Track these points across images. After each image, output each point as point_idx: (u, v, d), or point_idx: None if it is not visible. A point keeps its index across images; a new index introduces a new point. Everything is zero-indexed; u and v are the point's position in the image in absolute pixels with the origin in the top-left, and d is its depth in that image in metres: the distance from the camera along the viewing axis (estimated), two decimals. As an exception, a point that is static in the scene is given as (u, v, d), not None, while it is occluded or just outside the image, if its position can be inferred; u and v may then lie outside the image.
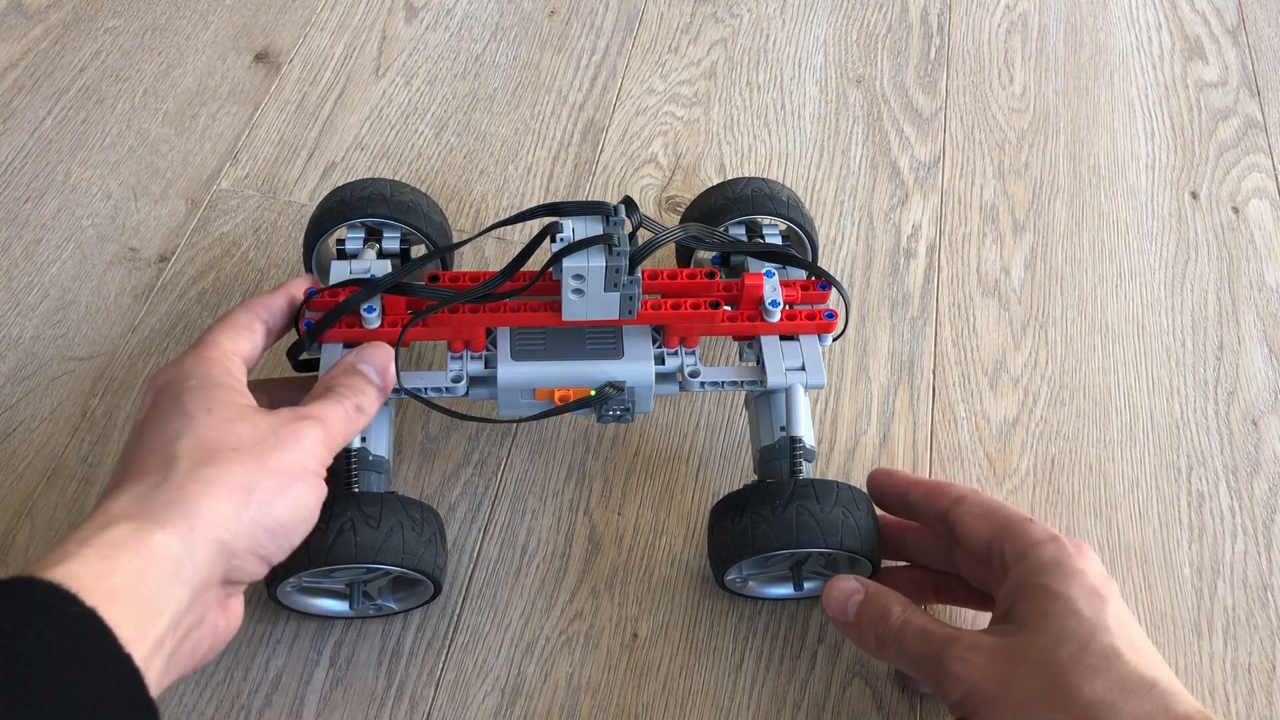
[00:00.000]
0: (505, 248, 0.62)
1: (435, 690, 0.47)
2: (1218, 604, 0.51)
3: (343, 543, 0.42)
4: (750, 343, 0.50)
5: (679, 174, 0.66)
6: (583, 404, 0.47)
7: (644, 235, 0.49)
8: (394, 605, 0.48)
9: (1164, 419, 0.57)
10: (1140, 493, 0.55)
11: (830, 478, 0.46)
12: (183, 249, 0.61)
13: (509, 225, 0.48)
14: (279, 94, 0.69)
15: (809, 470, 0.47)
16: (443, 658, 0.48)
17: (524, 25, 0.74)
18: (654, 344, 0.48)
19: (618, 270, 0.44)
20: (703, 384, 0.49)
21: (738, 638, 0.49)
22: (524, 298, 0.47)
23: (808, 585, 0.48)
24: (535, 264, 0.45)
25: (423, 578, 0.45)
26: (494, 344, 0.48)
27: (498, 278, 0.45)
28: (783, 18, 0.75)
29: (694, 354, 0.49)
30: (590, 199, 0.65)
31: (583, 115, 0.69)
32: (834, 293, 0.50)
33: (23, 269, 0.60)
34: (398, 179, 0.64)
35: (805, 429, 0.47)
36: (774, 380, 0.48)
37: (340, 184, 0.55)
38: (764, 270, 0.49)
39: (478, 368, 0.48)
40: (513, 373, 0.47)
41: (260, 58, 0.71)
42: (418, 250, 0.55)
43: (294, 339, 0.47)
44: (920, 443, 0.56)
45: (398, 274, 0.46)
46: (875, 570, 0.46)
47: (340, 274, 0.49)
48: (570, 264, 0.44)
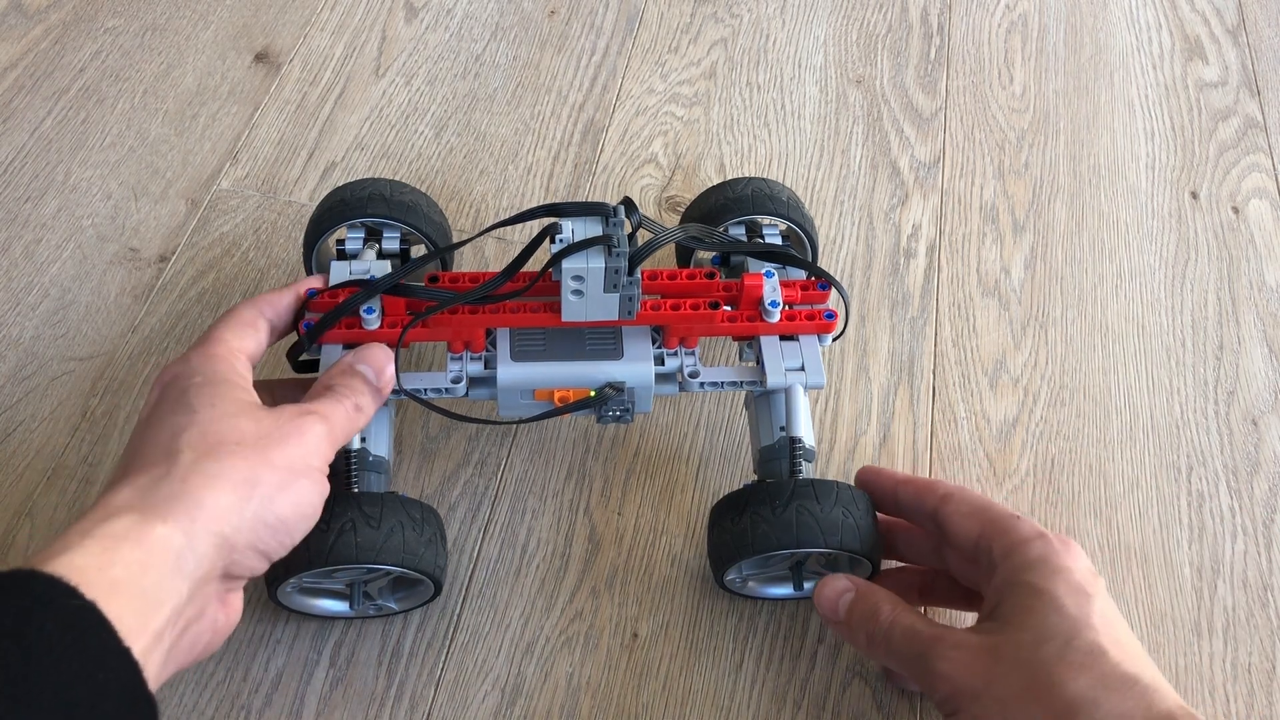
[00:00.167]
0: (505, 248, 0.62)
1: (435, 690, 0.47)
2: (1218, 604, 0.51)
3: (343, 543, 0.42)
4: (750, 343, 0.50)
5: (679, 174, 0.66)
6: (582, 405, 0.47)
7: (644, 236, 0.49)
8: (394, 605, 0.48)
9: (1164, 419, 0.57)
10: (1140, 493, 0.55)
11: (830, 478, 0.46)
12: (183, 249, 0.61)
13: (508, 226, 0.48)
14: (279, 94, 0.69)
15: (809, 470, 0.47)
16: (443, 658, 0.48)
17: (524, 25, 0.74)
18: (653, 344, 0.48)
19: (617, 271, 0.44)
20: (702, 384, 0.49)
21: (738, 638, 0.49)
22: (524, 299, 0.47)
23: (808, 585, 0.48)
24: (535, 265, 0.45)
25: (423, 578, 0.45)
26: (494, 345, 0.48)
27: (497, 279, 0.45)
28: (783, 18, 0.75)
29: (693, 354, 0.49)
30: (590, 199, 0.65)
31: (583, 115, 0.69)
32: (834, 293, 0.50)
33: (23, 269, 0.60)
34: (398, 179, 0.64)
35: (805, 429, 0.47)
36: (773, 380, 0.48)
37: (340, 184, 0.55)
38: (763, 270, 0.49)
39: (477, 368, 0.48)
40: (512, 374, 0.47)
41: (260, 58, 0.71)
42: (418, 250, 0.55)
43: (294, 340, 0.47)
44: (920, 443, 0.56)
45: (396, 275, 0.46)
46: (875, 570, 0.46)
47: (340, 275, 0.49)
48: (569, 265, 0.44)
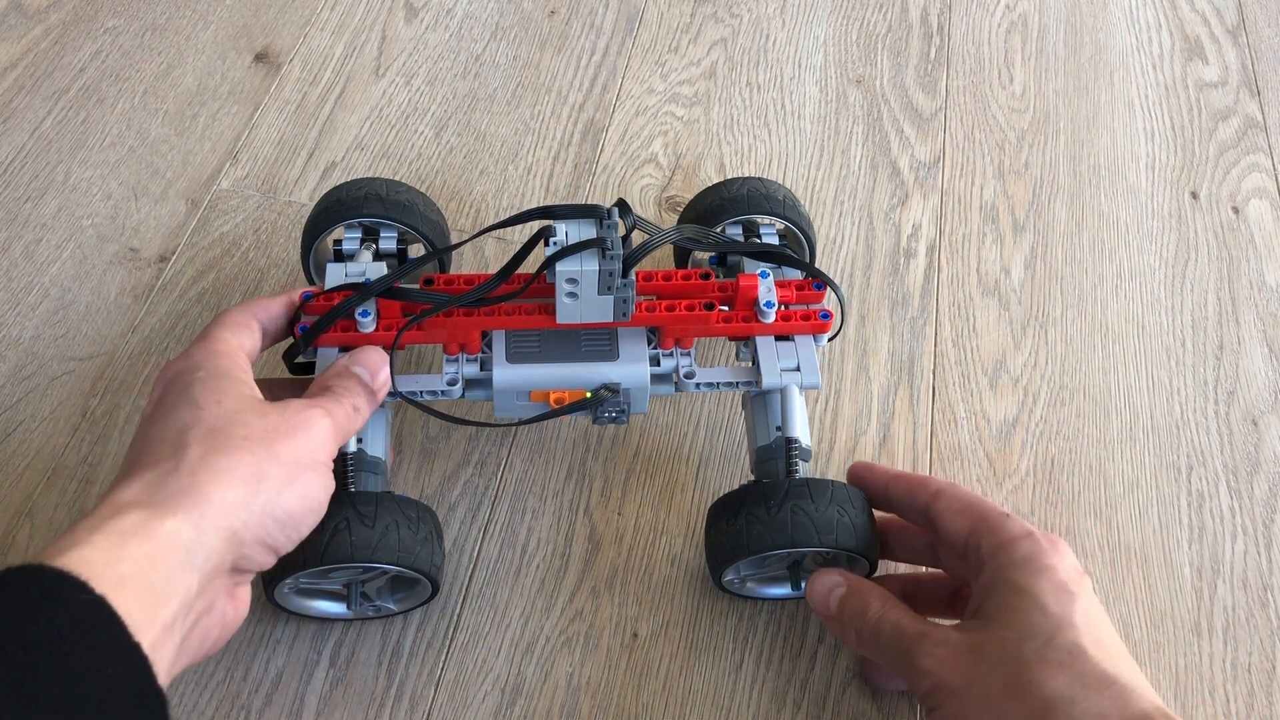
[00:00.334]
0: (505, 248, 0.62)
1: (435, 690, 0.47)
2: (1218, 604, 0.51)
3: (338, 542, 0.42)
4: (746, 343, 0.50)
5: (679, 174, 0.66)
6: (578, 406, 0.47)
7: (639, 237, 0.49)
8: (393, 606, 0.48)
9: (1164, 419, 0.57)
10: (1140, 493, 0.55)
11: (830, 478, 0.46)
12: (183, 249, 0.61)
13: (502, 228, 0.48)
14: (279, 94, 0.69)
15: (805, 470, 0.47)
16: (443, 658, 0.48)
17: (524, 25, 0.74)
18: (649, 345, 0.48)
19: (611, 274, 0.44)
20: (698, 385, 0.49)
21: (738, 638, 0.49)
22: (519, 300, 0.47)
23: (805, 585, 0.48)
24: (532, 266, 0.45)
25: (420, 577, 0.45)
26: (489, 346, 0.48)
27: (491, 281, 0.45)
28: (783, 18, 0.75)
29: (689, 355, 0.49)
30: (590, 199, 0.65)
31: (583, 115, 0.69)
32: (829, 292, 0.50)
33: (23, 269, 0.60)
34: (397, 179, 0.64)
35: (801, 429, 0.47)
36: (769, 381, 0.48)
37: (337, 184, 0.55)
38: (758, 271, 0.49)
39: (473, 370, 0.48)
40: (508, 375, 0.47)
41: (260, 58, 0.71)
42: (415, 250, 0.55)
43: (291, 343, 0.47)
44: (920, 443, 0.56)
45: (390, 278, 0.46)
46: (873, 569, 0.46)
47: (336, 278, 0.49)
48: (563, 268, 0.44)
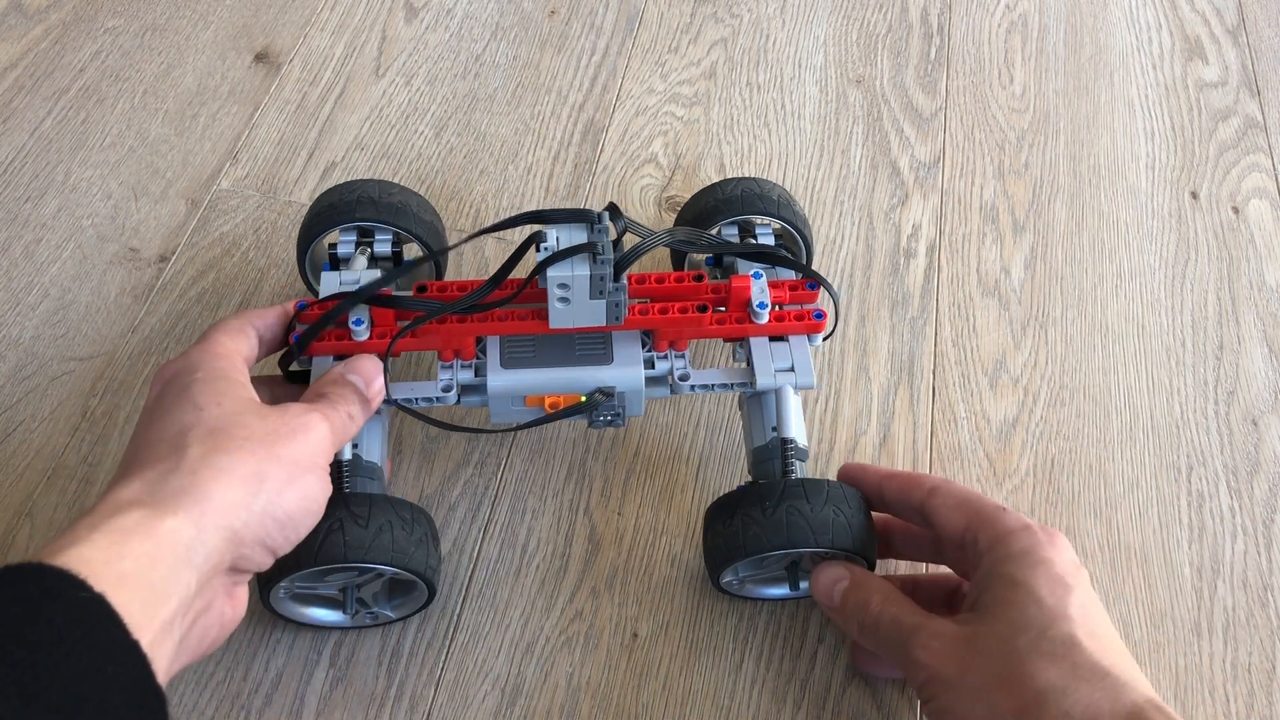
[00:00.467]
0: (505, 248, 0.62)
1: (435, 690, 0.47)
2: (1218, 604, 0.51)
3: (332, 542, 0.42)
4: (741, 344, 0.50)
5: (679, 174, 0.66)
6: (574, 410, 0.47)
7: (632, 240, 0.49)
8: (390, 613, 0.48)
9: (1164, 419, 0.57)
10: (1140, 493, 0.55)
11: (829, 478, 0.46)
12: (183, 249, 0.61)
13: (492, 233, 0.47)
14: (279, 94, 0.69)
15: (802, 470, 0.47)
16: (443, 658, 0.48)
17: (524, 25, 0.74)
18: (643, 348, 0.48)
19: (602, 278, 0.44)
20: (693, 387, 0.49)
21: (738, 638, 0.49)
22: (512, 306, 0.47)
23: (804, 585, 0.48)
24: (524, 272, 0.45)
25: (415, 578, 0.44)
26: (484, 352, 0.48)
27: (484, 288, 0.46)
28: (783, 18, 0.75)
29: (683, 357, 0.49)
30: (588, 201, 0.65)
31: (583, 115, 0.69)
32: (823, 292, 0.50)
33: (23, 269, 0.60)
34: (396, 179, 0.64)
35: (796, 429, 0.47)
36: (763, 382, 0.48)
37: (329, 187, 0.55)
38: (751, 272, 0.49)
39: (468, 376, 0.48)
40: (503, 381, 0.47)
41: (260, 58, 0.71)
42: (411, 250, 0.55)
43: (286, 350, 0.47)
44: (920, 443, 0.56)
45: (379, 283, 0.46)
46: (871, 568, 0.46)
47: (331, 286, 0.49)
48: (554, 273, 0.44)
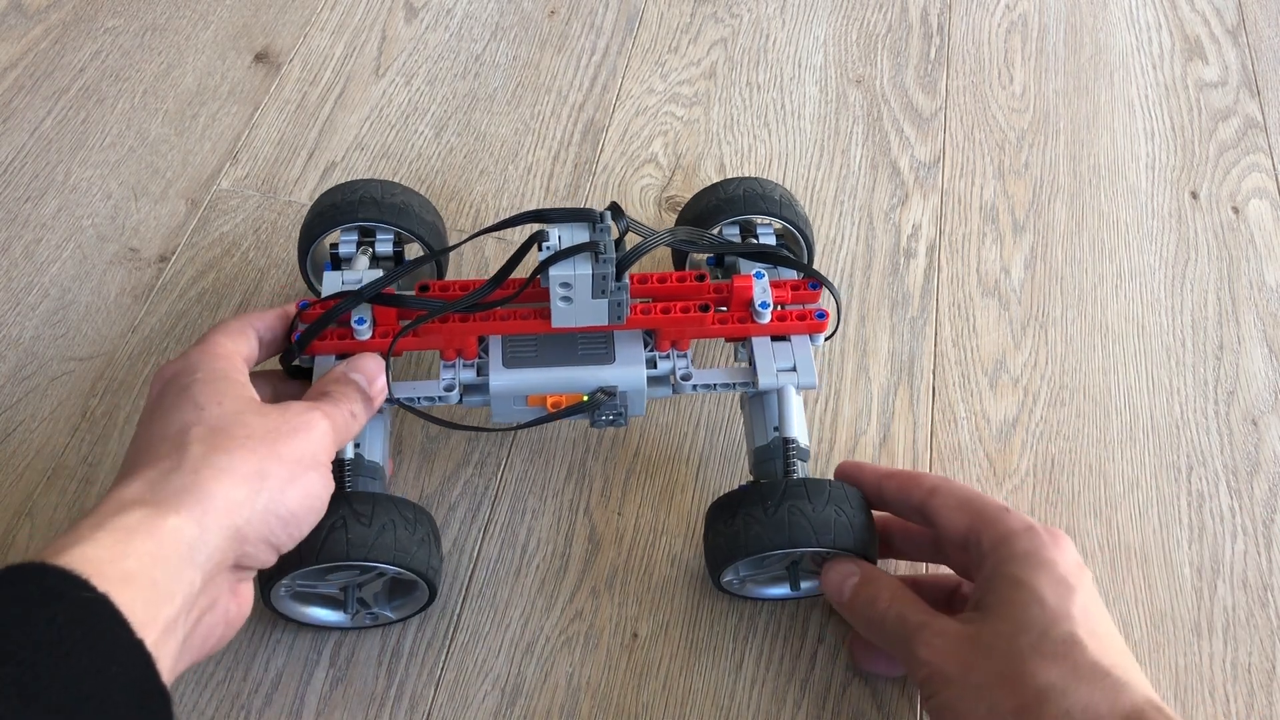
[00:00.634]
0: (506, 248, 0.62)
1: (435, 690, 0.47)
2: (1218, 604, 0.51)
3: (334, 539, 0.42)
4: (743, 344, 0.50)
5: (679, 174, 0.66)
6: (575, 410, 0.47)
7: (633, 240, 0.49)
8: (390, 614, 0.48)
9: (1164, 419, 0.57)
10: (1140, 493, 0.55)
11: (829, 478, 0.46)
12: (183, 249, 0.61)
13: (494, 232, 0.47)
14: (279, 94, 0.69)
15: (804, 470, 0.47)
16: (443, 657, 0.48)
17: (524, 25, 0.74)
18: (645, 348, 0.48)
19: (604, 277, 0.44)
20: (695, 386, 0.49)
21: (738, 638, 0.49)
22: (514, 305, 0.47)
23: (805, 585, 0.48)
24: (525, 271, 0.45)
25: (417, 578, 0.45)
26: (486, 352, 0.48)
27: (485, 287, 0.46)
28: (783, 18, 0.75)
29: (685, 357, 0.49)
30: (588, 201, 0.65)
31: (583, 115, 0.69)
32: (825, 292, 0.50)
33: (23, 269, 0.60)
34: (396, 179, 0.64)
35: (798, 429, 0.47)
36: (765, 381, 0.48)
37: (331, 186, 0.55)
38: (753, 271, 0.49)
39: (470, 376, 0.48)
40: (505, 380, 0.47)
41: (260, 58, 0.71)
42: (412, 250, 0.55)
43: (287, 349, 0.47)
44: (920, 443, 0.56)
45: (381, 282, 0.46)
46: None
47: (333, 285, 0.49)
48: (557, 272, 0.44)
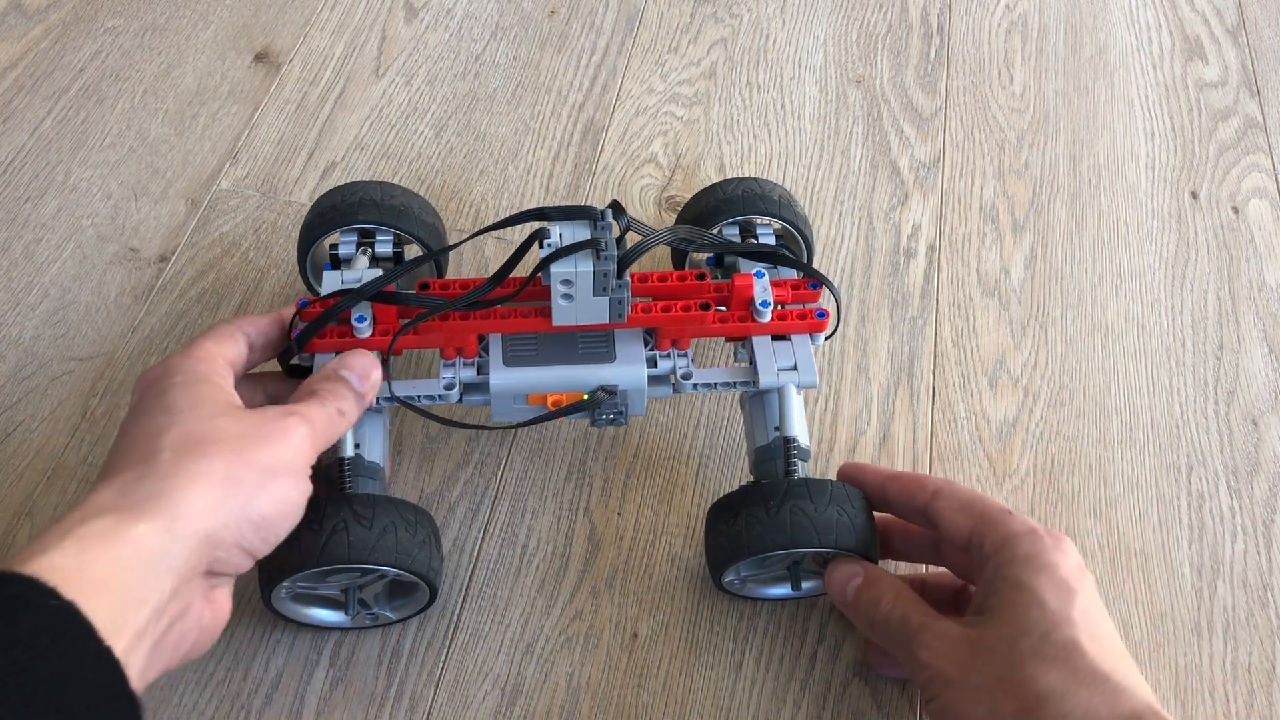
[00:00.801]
0: (505, 248, 0.62)
1: (435, 690, 0.47)
2: (1218, 604, 0.51)
3: (335, 542, 0.42)
4: (743, 343, 0.50)
5: (679, 174, 0.66)
6: (576, 408, 0.47)
7: (634, 239, 0.49)
8: (390, 614, 0.48)
9: (1164, 419, 0.57)
10: (1140, 493, 0.55)
11: (830, 478, 0.46)
12: (183, 249, 0.61)
13: (496, 230, 0.47)
14: (279, 94, 0.69)
15: (804, 469, 0.47)
16: (443, 657, 0.48)
17: (524, 25, 0.74)
18: (646, 347, 0.48)
19: (605, 275, 0.44)
20: (695, 386, 0.49)
21: (738, 638, 0.49)
22: (515, 304, 0.47)
23: (806, 585, 0.48)
24: (526, 269, 0.45)
25: (418, 580, 0.45)
26: (486, 350, 0.48)
27: (486, 285, 0.46)
28: (783, 18, 0.75)
29: (686, 356, 0.49)
30: (587, 201, 0.65)
31: (583, 115, 0.69)
32: (826, 291, 0.50)
33: (23, 269, 0.60)
34: (396, 179, 0.64)
35: (799, 428, 0.47)
36: (766, 381, 0.48)
37: (331, 188, 0.55)
38: (754, 271, 0.49)
39: (470, 374, 0.48)
40: (505, 379, 0.47)
41: (260, 58, 0.71)
42: (411, 251, 0.55)
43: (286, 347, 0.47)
44: (920, 443, 0.56)
45: (381, 281, 0.46)
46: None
47: (333, 284, 0.49)
48: (558, 270, 0.44)
